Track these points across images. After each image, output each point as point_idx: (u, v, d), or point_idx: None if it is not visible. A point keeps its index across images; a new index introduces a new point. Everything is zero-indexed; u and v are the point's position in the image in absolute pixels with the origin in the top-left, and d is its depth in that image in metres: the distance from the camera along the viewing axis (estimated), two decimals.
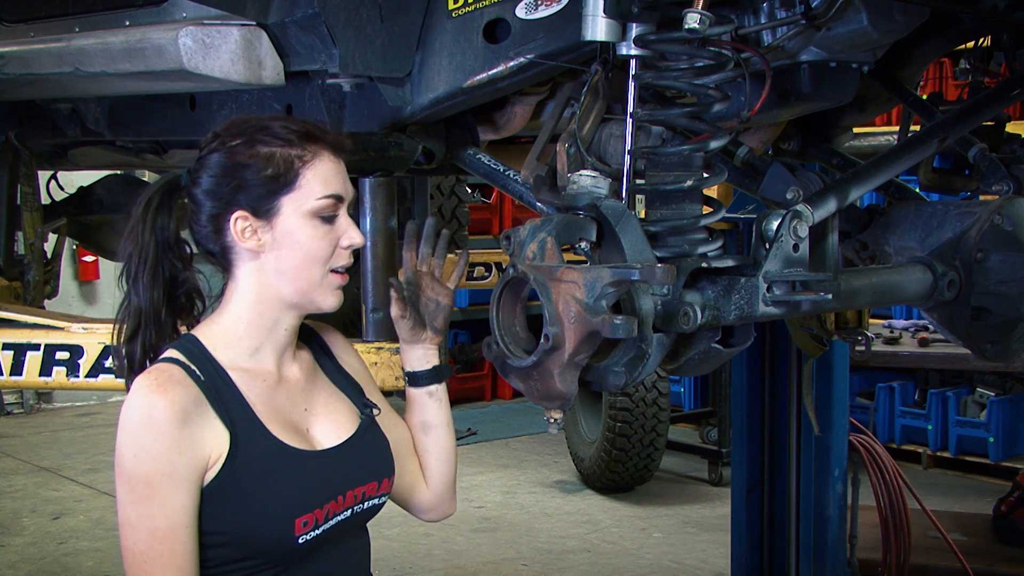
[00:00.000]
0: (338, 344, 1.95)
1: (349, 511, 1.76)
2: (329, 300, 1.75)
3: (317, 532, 1.70)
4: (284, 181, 1.68)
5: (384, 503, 1.86)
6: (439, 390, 1.99)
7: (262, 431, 1.69)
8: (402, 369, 2.00)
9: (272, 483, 1.67)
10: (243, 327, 1.73)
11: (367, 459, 1.83)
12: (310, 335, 1.90)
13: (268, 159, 1.68)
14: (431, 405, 1.98)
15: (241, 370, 1.72)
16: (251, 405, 1.70)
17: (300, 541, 1.67)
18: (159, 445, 1.59)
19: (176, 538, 1.61)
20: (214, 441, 1.64)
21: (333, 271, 1.74)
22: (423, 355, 1.97)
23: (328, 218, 1.72)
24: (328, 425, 1.81)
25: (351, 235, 1.74)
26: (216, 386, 1.67)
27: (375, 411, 1.87)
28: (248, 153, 1.69)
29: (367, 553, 1.88)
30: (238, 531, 1.64)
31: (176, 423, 1.60)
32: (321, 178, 1.70)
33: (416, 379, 1.98)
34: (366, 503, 1.80)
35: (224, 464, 1.64)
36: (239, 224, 1.69)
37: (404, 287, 1.93)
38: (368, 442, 1.84)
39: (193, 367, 1.67)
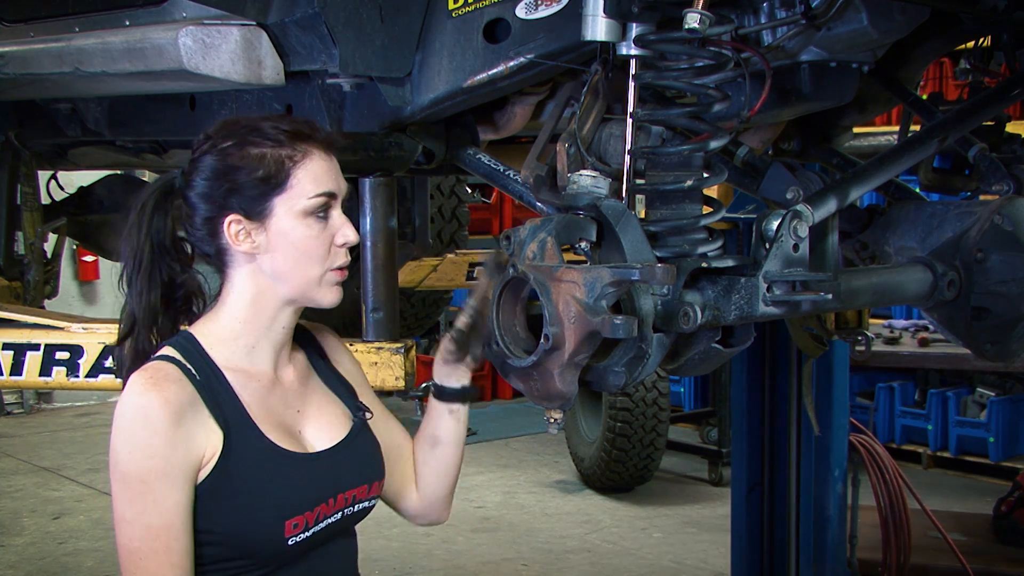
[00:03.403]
0: (332, 345, 1.94)
1: (339, 514, 1.75)
2: (329, 297, 1.73)
3: (307, 535, 1.69)
4: (275, 182, 1.67)
5: (374, 506, 1.85)
6: (461, 410, 1.95)
7: (255, 432, 1.68)
8: (432, 381, 1.96)
9: (263, 484, 1.67)
10: (240, 325, 1.73)
11: (358, 462, 1.81)
12: (305, 336, 1.89)
13: (259, 160, 1.67)
14: (448, 422, 1.95)
15: (236, 370, 1.71)
16: (245, 405, 1.69)
17: (290, 543, 1.67)
18: (154, 443, 1.60)
19: (171, 535, 1.61)
20: (208, 440, 1.64)
21: (332, 269, 1.73)
22: (455, 372, 1.93)
23: (322, 217, 1.70)
24: (320, 427, 1.80)
25: (345, 232, 1.72)
26: (211, 385, 1.67)
27: (367, 415, 1.86)
28: (239, 155, 1.68)
29: (355, 555, 1.87)
30: (229, 531, 1.65)
31: (171, 421, 1.60)
32: (312, 176, 1.69)
33: (442, 393, 1.94)
34: (356, 506, 1.79)
35: (217, 463, 1.64)
36: (232, 228, 1.68)
37: (472, 310, 1.87)
38: (359, 445, 1.83)
39: (188, 365, 1.67)
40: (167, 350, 1.69)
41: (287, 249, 1.69)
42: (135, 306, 1.74)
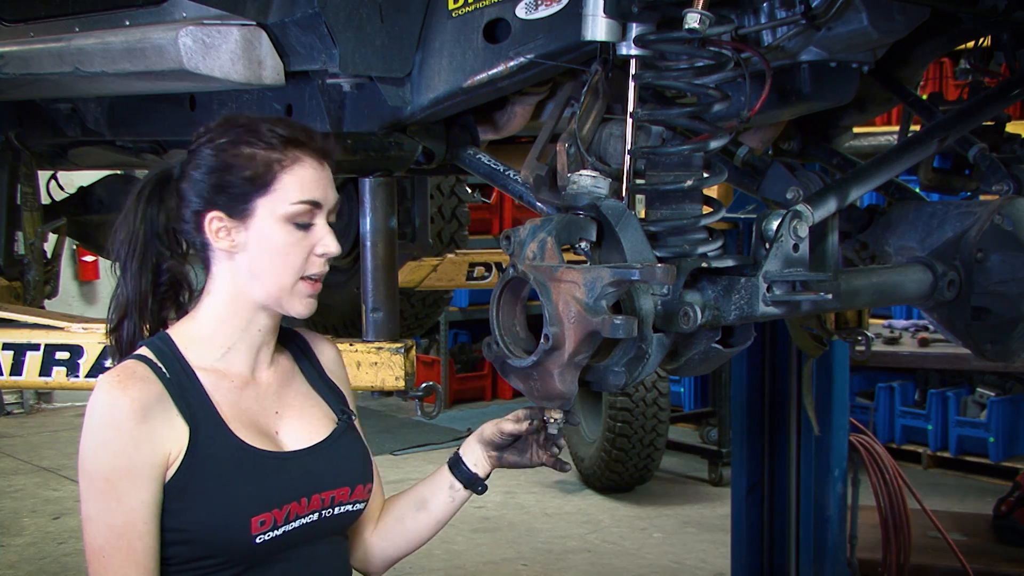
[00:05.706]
0: (328, 354, 1.92)
1: (316, 515, 1.73)
2: (297, 307, 1.72)
3: (277, 533, 1.68)
4: (260, 183, 1.67)
5: (360, 511, 1.82)
6: (459, 493, 1.93)
7: (223, 430, 1.68)
8: (457, 451, 1.94)
9: (230, 481, 1.66)
10: (216, 325, 1.73)
11: (339, 464, 1.79)
12: (295, 339, 1.88)
13: (249, 160, 1.67)
14: (443, 496, 1.93)
15: (210, 370, 1.71)
16: (215, 404, 1.69)
17: (258, 541, 1.66)
18: (118, 441, 1.61)
19: (133, 533, 1.61)
20: (173, 438, 1.64)
21: (305, 278, 1.71)
22: (481, 459, 1.92)
23: (303, 225, 1.69)
24: (299, 429, 1.78)
25: (326, 243, 1.71)
26: (181, 384, 1.67)
27: (353, 417, 1.84)
28: (232, 152, 1.68)
29: (345, 561, 1.85)
30: (197, 528, 1.64)
31: (135, 419, 1.61)
32: (298, 183, 1.68)
33: (458, 467, 1.92)
34: (336, 508, 1.76)
35: (184, 460, 1.64)
36: (214, 224, 1.69)
37: (533, 421, 1.85)
38: (343, 447, 1.81)
39: (160, 364, 1.67)
40: (142, 350, 1.70)
41: (263, 252, 1.69)
42: (128, 291, 1.75)
